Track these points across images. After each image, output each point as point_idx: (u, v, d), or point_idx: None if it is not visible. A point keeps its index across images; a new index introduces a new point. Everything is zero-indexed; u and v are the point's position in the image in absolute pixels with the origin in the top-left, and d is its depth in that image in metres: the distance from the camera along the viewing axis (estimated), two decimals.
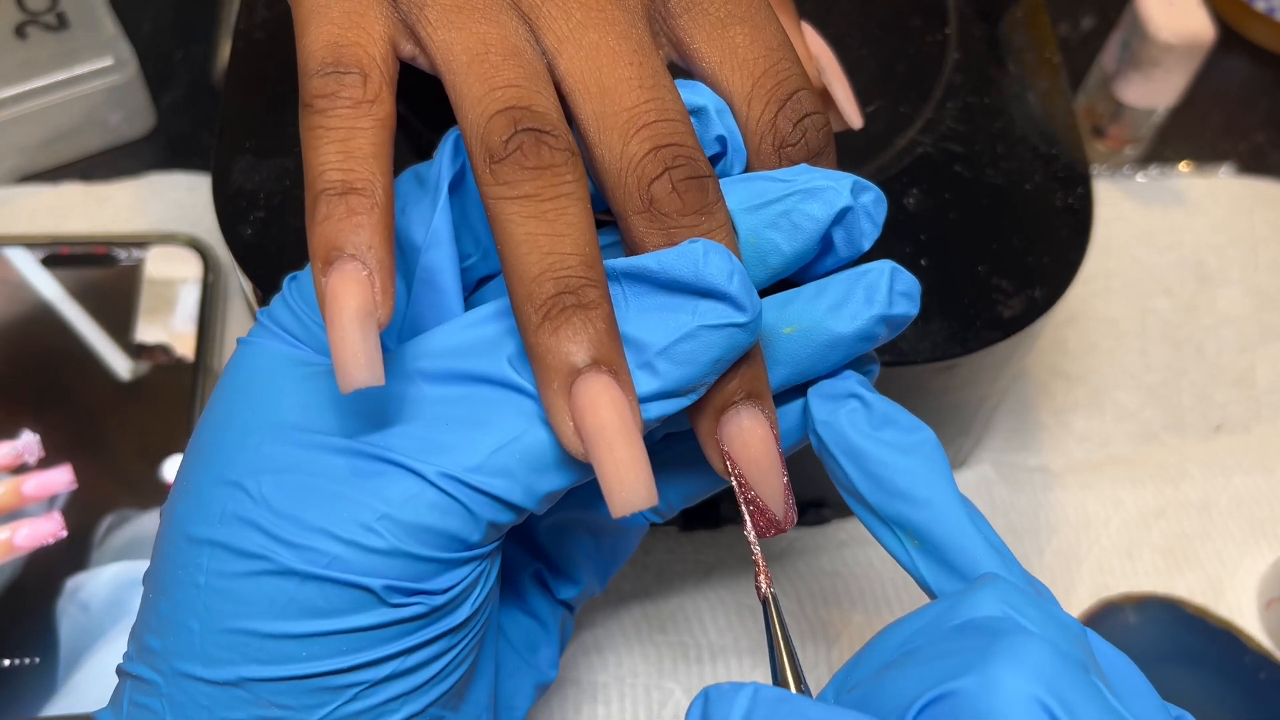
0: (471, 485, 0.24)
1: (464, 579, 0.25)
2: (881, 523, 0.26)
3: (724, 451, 0.26)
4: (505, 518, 0.25)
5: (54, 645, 0.40)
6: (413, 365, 0.25)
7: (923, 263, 0.38)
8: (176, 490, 0.26)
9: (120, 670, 0.26)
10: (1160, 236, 0.55)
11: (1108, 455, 0.49)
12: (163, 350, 0.47)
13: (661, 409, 0.24)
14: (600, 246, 0.25)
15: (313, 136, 0.24)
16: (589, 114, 0.25)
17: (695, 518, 0.44)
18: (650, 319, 0.24)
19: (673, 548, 0.44)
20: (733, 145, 0.27)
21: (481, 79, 0.25)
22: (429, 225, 0.27)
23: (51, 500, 0.43)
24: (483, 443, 0.24)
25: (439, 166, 0.27)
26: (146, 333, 0.47)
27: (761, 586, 0.26)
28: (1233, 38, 0.62)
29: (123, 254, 0.48)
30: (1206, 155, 0.58)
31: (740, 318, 0.24)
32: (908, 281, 0.26)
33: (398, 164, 0.26)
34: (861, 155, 0.40)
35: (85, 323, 0.47)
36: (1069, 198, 0.40)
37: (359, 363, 0.23)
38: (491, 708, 0.29)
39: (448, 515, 0.24)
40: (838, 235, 0.26)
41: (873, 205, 0.26)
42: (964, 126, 0.41)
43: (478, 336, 0.25)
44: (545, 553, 0.32)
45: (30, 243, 0.48)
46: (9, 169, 0.52)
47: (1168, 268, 0.54)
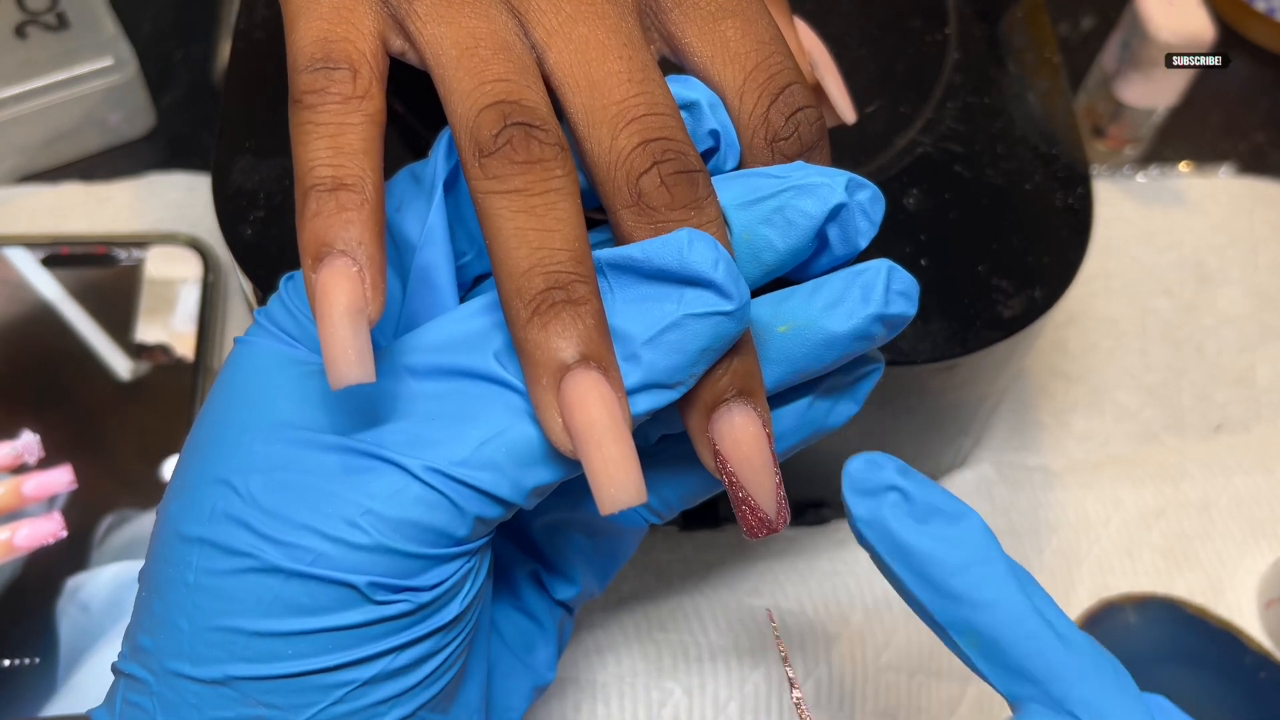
0: (457, 479, 0.24)
1: (451, 576, 0.25)
2: (939, 625, 0.25)
3: (715, 449, 0.25)
4: (492, 512, 0.24)
5: (54, 645, 0.40)
6: (402, 361, 0.25)
7: (922, 263, 0.38)
8: (171, 489, 0.26)
9: (115, 668, 0.26)
10: (1160, 236, 0.55)
11: (1108, 455, 0.49)
12: (163, 350, 0.47)
13: (649, 402, 0.24)
14: (590, 244, 0.25)
15: (302, 132, 0.24)
16: (578, 108, 0.25)
17: (695, 517, 0.44)
18: (635, 309, 0.24)
19: (673, 547, 0.44)
20: (726, 140, 0.27)
21: (471, 73, 0.25)
22: (424, 223, 0.27)
23: (51, 500, 0.43)
24: (469, 437, 0.24)
25: (434, 165, 0.27)
26: (146, 333, 0.47)
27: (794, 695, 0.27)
28: (1233, 38, 0.62)
29: (123, 254, 0.48)
30: (1206, 155, 0.58)
31: (726, 305, 0.24)
32: (905, 281, 0.26)
33: (394, 162, 0.26)
34: (861, 155, 0.40)
35: (85, 323, 0.47)
36: (1069, 198, 0.40)
37: (349, 359, 0.23)
38: (483, 709, 0.29)
39: (433, 510, 0.24)
40: (833, 233, 0.26)
41: (869, 203, 0.26)
42: (964, 126, 0.41)
43: (465, 331, 0.25)
44: (541, 552, 0.32)
45: (30, 243, 0.48)
46: (9, 169, 0.52)
47: (1168, 268, 0.54)
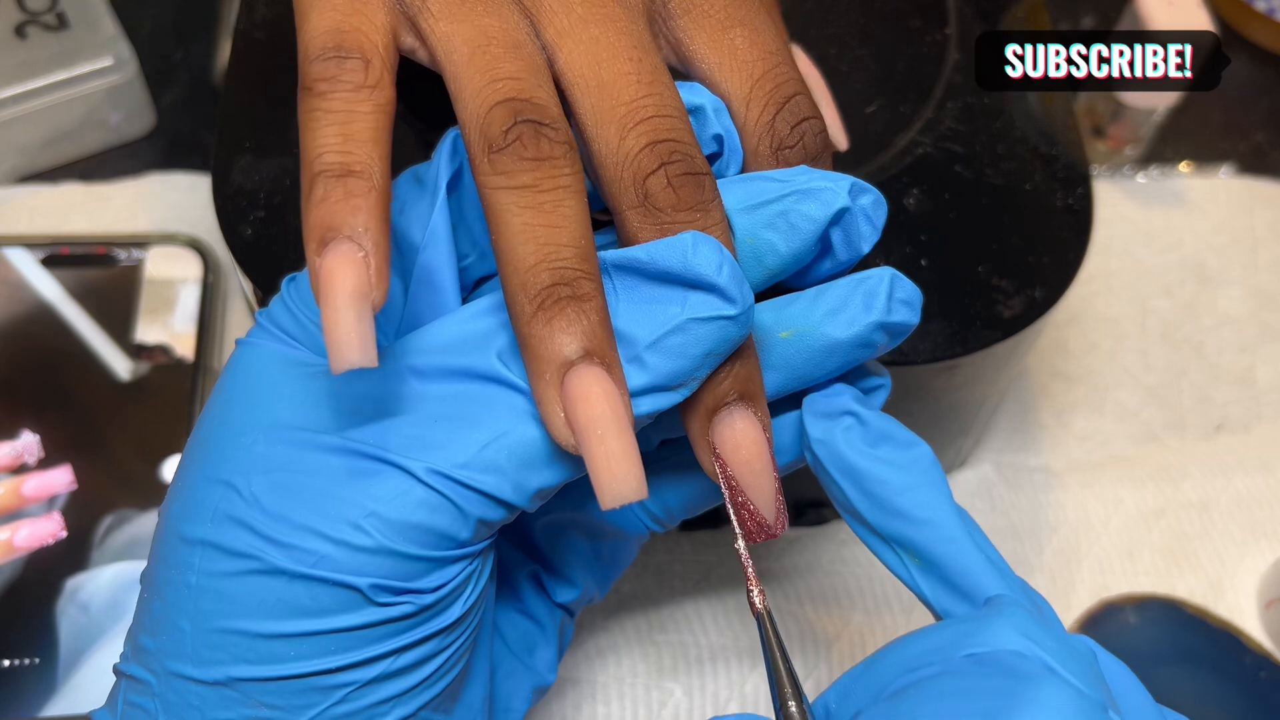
0: (460, 481, 0.24)
1: (454, 578, 0.25)
2: (881, 541, 0.26)
3: (715, 453, 0.25)
4: (495, 515, 0.24)
5: (54, 645, 0.40)
6: (405, 362, 0.25)
7: (923, 263, 0.38)
8: (173, 490, 0.26)
9: (116, 669, 0.26)
10: (1160, 236, 0.55)
11: (1108, 455, 0.49)
12: (163, 350, 0.47)
13: (652, 404, 0.24)
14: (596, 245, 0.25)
15: (312, 119, 0.24)
16: (587, 108, 0.25)
17: (695, 518, 0.44)
18: (639, 311, 0.24)
19: (672, 548, 0.44)
20: (730, 145, 0.27)
21: (482, 71, 0.25)
22: (427, 225, 0.27)
23: (51, 500, 0.43)
24: (472, 439, 0.24)
25: (437, 166, 0.27)
26: (146, 333, 0.47)
27: (756, 603, 0.26)
28: (1233, 38, 0.62)
29: (123, 254, 0.48)
30: (1206, 155, 0.58)
31: (730, 310, 0.24)
32: (908, 289, 0.26)
33: (399, 164, 0.26)
34: (861, 155, 0.40)
35: (85, 323, 0.47)
36: (1069, 198, 0.40)
37: (351, 343, 0.22)
38: (485, 710, 0.29)
39: (436, 512, 0.24)
40: (836, 237, 0.26)
41: (871, 207, 0.26)
42: (964, 126, 0.41)
43: (468, 332, 0.25)
44: (542, 554, 0.32)
45: (30, 243, 0.48)
46: (9, 169, 0.52)
47: (1168, 268, 0.54)
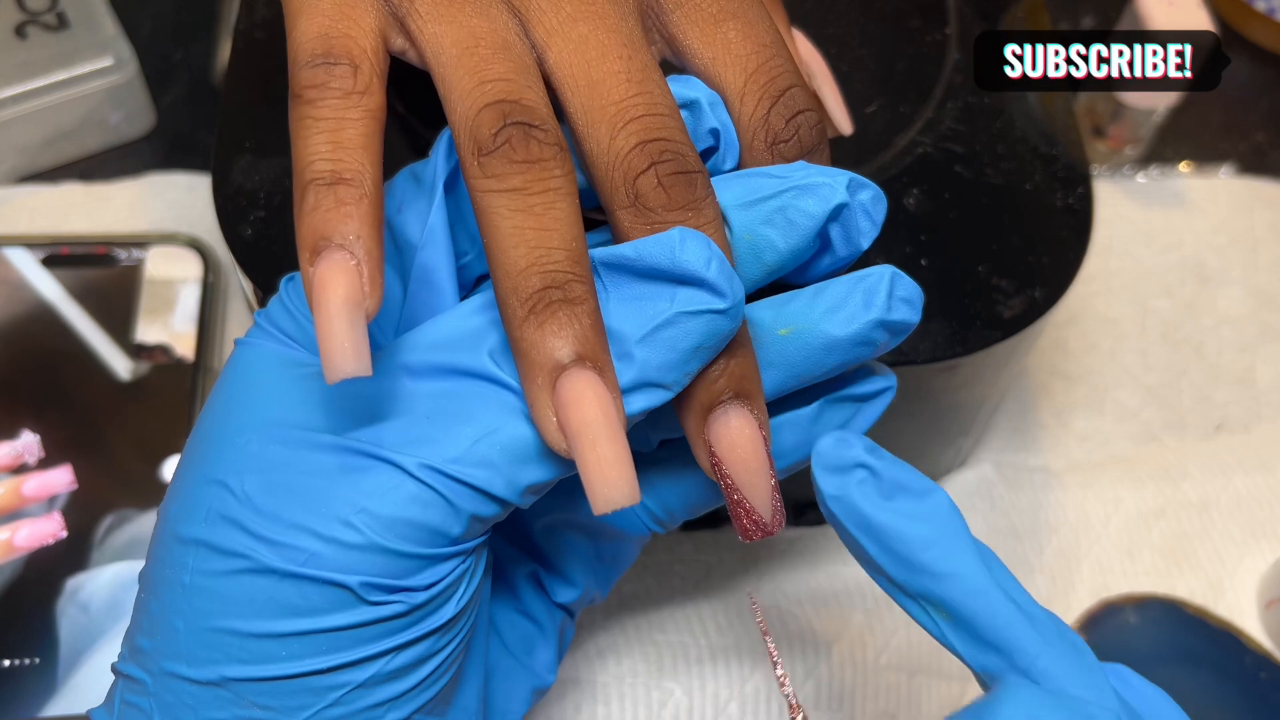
0: (452, 476, 0.24)
1: (446, 576, 0.25)
2: (908, 597, 0.25)
3: (711, 451, 0.25)
4: (488, 510, 0.24)
5: (54, 645, 0.40)
6: (398, 360, 0.25)
7: (923, 263, 0.38)
8: (170, 491, 0.26)
9: (114, 669, 0.26)
10: (1160, 236, 0.55)
11: (1108, 455, 0.49)
12: (163, 350, 0.47)
13: (644, 401, 0.24)
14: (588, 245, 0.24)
15: (302, 127, 0.24)
16: (577, 107, 0.25)
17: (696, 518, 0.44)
18: (628, 308, 0.24)
19: (672, 547, 0.44)
20: (726, 139, 0.27)
21: (471, 72, 0.25)
22: (425, 223, 0.27)
23: (51, 500, 0.43)
24: (464, 434, 0.24)
25: (434, 165, 0.27)
26: (146, 333, 0.47)
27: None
28: (1233, 38, 0.62)
29: (123, 254, 0.48)
30: (1206, 155, 0.58)
31: (719, 304, 0.23)
32: (909, 288, 0.26)
33: (395, 162, 0.26)
34: (861, 155, 0.40)
35: (85, 323, 0.47)
36: (1069, 198, 0.40)
37: (345, 353, 0.22)
38: (480, 713, 0.29)
39: (428, 508, 0.24)
40: (835, 233, 0.26)
41: (870, 203, 0.26)
42: (964, 126, 0.41)
43: (460, 330, 0.25)
44: (541, 553, 0.32)
45: (30, 243, 0.48)
46: (9, 169, 0.52)
47: (1168, 268, 0.54)
